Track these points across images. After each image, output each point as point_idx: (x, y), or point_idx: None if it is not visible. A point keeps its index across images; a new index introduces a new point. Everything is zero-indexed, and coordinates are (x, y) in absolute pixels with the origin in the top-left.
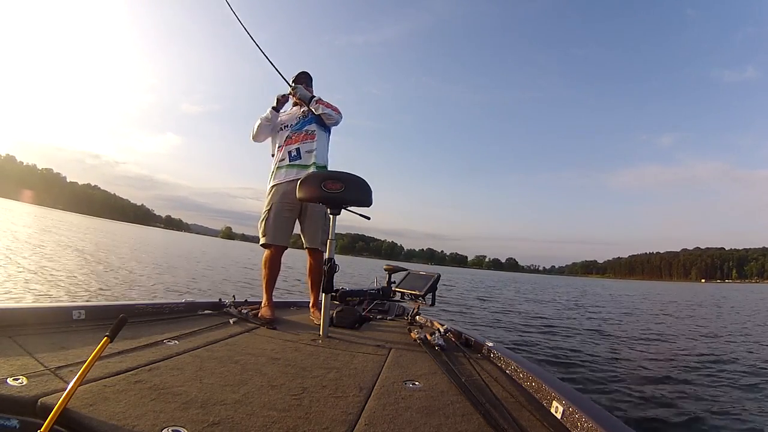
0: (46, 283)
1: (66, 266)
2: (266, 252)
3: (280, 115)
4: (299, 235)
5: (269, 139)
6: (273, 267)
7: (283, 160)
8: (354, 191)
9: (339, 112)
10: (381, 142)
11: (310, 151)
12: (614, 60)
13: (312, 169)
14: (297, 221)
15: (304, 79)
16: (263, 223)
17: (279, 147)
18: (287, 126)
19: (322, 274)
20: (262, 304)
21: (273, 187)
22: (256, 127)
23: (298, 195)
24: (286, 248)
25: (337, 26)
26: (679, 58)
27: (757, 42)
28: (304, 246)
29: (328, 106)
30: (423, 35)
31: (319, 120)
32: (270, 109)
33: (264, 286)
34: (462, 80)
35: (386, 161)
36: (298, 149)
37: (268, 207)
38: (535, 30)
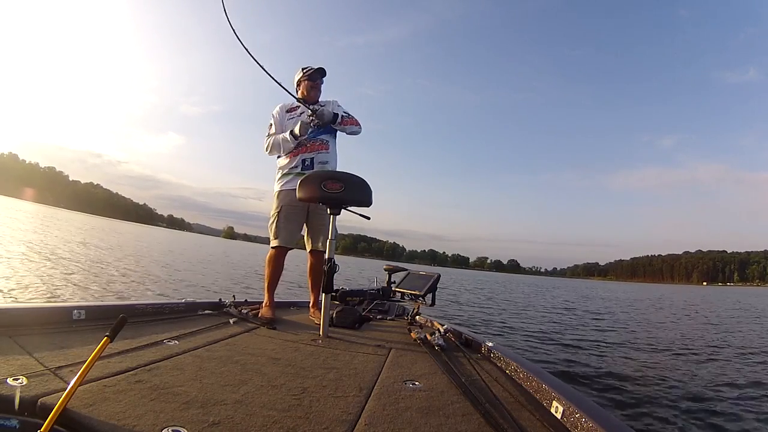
0: (46, 283)
1: (66, 266)
2: (270, 252)
3: (289, 116)
4: (302, 235)
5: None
6: (276, 267)
7: (296, 167)
8: (354, 191)
9: (360, 126)
10: (380, 142)
11: (323, 163)
12: (613, 62)
13: None
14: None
15: (319, 78)
16: (274, 225)
17: (291, 151)
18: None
19: (323, 275)
20: (263, 304)
21: (281, 191)
22: (272, 145)
23: (298, 195)
24: (290, 249)
25: (339, 27)
26: (679, 59)
27: (758, 43)
28: (308, 248)
29: (352, 122)
30: (423, 36)
31: (332, 129)
32: (290, 135)
33: (266, 285)
34: (461, 81)
35: (387, 161)
36: (312, 159)
37: (278, 209)
38: (534, 31)
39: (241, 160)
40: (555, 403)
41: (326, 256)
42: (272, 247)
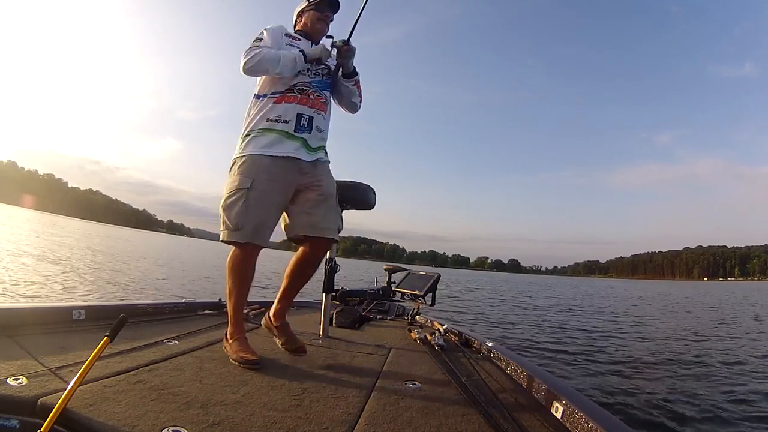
0: (47, 283)
1: (67, 267)
2: (234, 252)
3: (290, 41)
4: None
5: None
6: (245, 276)
7: (288, 122)
8: (363, 195)
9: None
10: (378, 143)
11: (322, 132)
12: (608, 59)
13: (317, 161)
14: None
15: (329, 10)
16: (235, 208)
17: (278, 94)
18: (301, 71)
19: (312, 274)
20: (228, 334)
21: (253, 157)
22: (261, 58)
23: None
24: (263, 247)
25: (334, 28)
26: (674, 55)
27: (754, 37)
28: (303, 233)
29: (360, 91)
30: (418, 37)
31: (334, 88)
32: (299, 53)
33: (230, 306)
34: (457, 81)
35: (385, 162)
36: (310, 120)
37: (247, 185)
38: (528, 31)
39: None
40: (555, 403)
41: (327, 256)
42: (230, 242)
